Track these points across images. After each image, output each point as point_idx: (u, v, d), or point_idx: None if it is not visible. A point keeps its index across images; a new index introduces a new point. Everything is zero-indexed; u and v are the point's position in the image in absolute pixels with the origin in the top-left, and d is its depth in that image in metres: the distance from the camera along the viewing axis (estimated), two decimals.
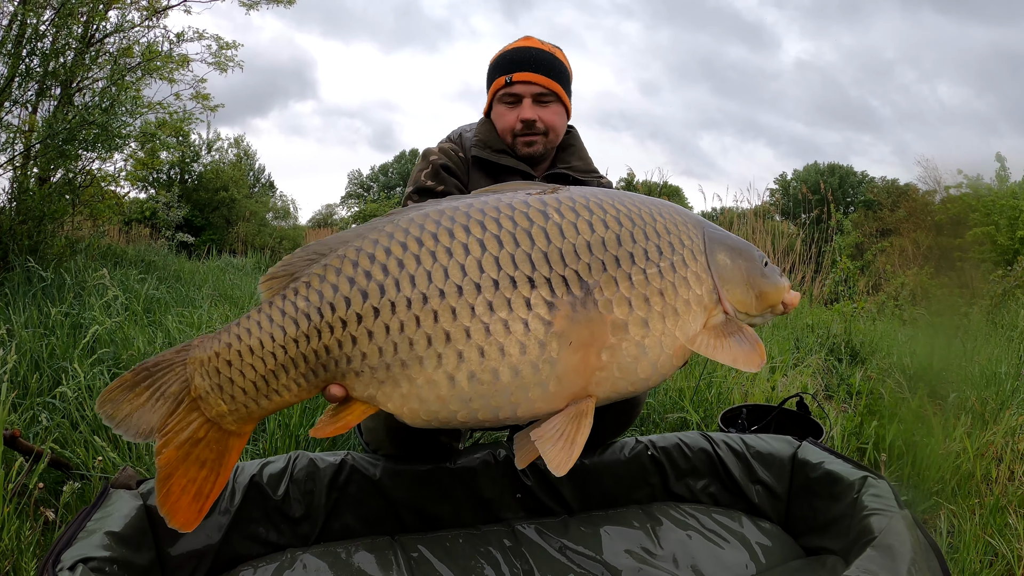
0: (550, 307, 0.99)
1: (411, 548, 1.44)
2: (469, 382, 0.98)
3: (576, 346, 1.00)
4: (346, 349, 1.01)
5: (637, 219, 1.08)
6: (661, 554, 1.47)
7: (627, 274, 1.03)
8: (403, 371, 0.99)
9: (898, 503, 1.31)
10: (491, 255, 0.99)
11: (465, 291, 0.97)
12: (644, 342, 1.03)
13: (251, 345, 1.03)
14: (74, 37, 6.07)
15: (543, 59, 1.70)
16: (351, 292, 1.00)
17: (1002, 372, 2.94)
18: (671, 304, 1.05)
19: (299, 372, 1.03)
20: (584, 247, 1.02)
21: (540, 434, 1.01)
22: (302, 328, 1.01)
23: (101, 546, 1.13)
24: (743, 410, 2.05)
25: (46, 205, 5.79)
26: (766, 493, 1.61)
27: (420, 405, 1.00)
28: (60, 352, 2.83)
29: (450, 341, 0.97)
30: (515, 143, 1.72)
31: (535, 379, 0.99)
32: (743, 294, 1.15)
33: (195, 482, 1.07)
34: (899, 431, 2.10)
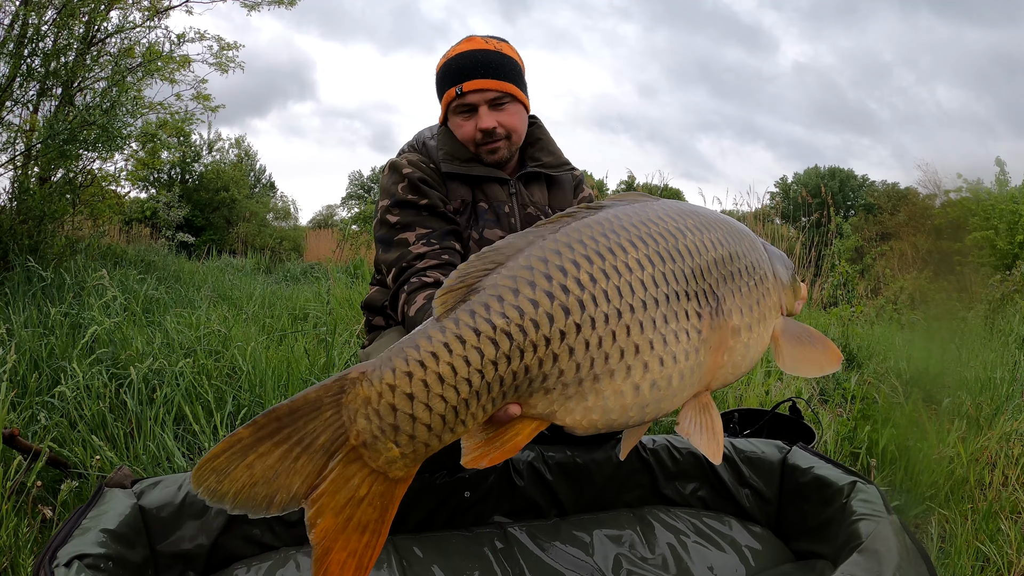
0: (699, 317, 1.08)
1: (405, 548, 1.45)
2: (651, 390, 1.02)
3: (713, 350, 1.10)
4: (546, 368, 0.95)
5: (736, 237, 1.21)
6: (652, 558, 1.48)
7: (739, 287, 1.16)
8: (593, 385, 0.98)
9: (886, 508, 1.32)
10: (659, 270, 1.05)
11: (648, 305, 1.02)
12: (748, 343, 1.16)
13: (440, 372, 0.88)
14: (75, 37, 6.09)
15: (491, 61, 1.65)
16: (553, 308, 0.94)
17: (997, 377, 2.95)
18: (763, 311, 1.19)
19: (491, 397, 0.92)
20: (712, 263, 1.13)
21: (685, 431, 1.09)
22: (503, 348, 0.91)
23: (96, 543, 1.14)
24: (735, 414, 2.06)
25: (46, 205, 5.81)
26: (756, 497, 1.62)
27: (602, 416, 1.01)
28: (59, 352, 2.83)
29: (638, 353, 1.00)
30: (479, 152, 1.69)
31: (691, 381, 1.07)
32: (789, 297, 1.31)
33: (356, 555, 0.85)
34: (892, 436, 2.10)
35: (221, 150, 21.34)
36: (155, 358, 2.77)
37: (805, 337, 1.24)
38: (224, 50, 8.81)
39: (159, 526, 1.33)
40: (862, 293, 7.24)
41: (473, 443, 0.96)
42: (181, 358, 2.92)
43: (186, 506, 1.36)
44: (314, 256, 15.31)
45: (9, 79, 5.64)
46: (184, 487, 1.38)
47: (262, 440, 0.81)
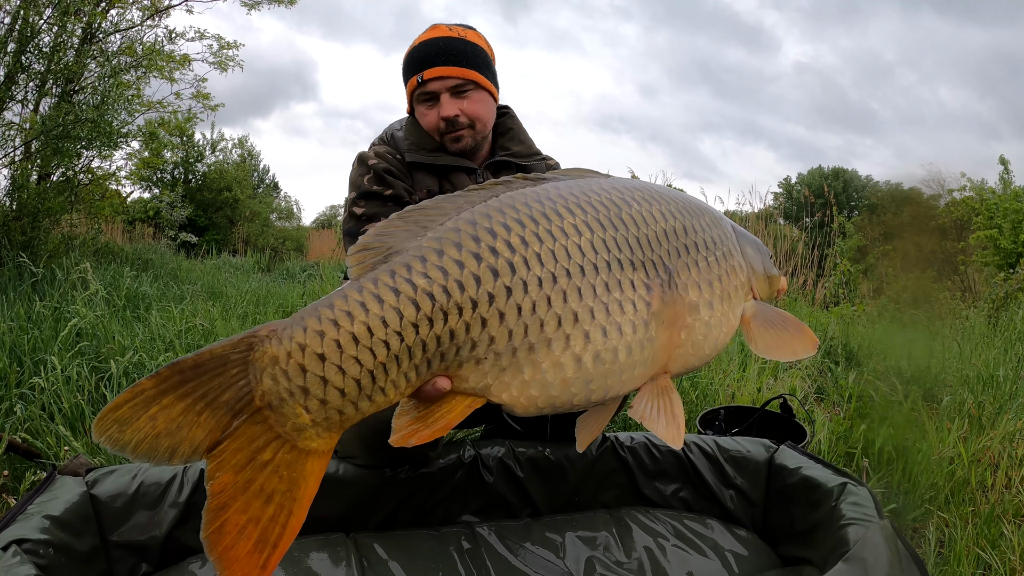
0: (647, 288, 1.02)
1: (366, 547, 1.38)
2: (594, 363, 0.96)
3: (666, 325, 1.04)
4: (473, 333, 0.89)
5: (692, 212, 1.15)
6: (627, 562, 1.40)
7: (695, 260, 1.10)
8: (529, 355, 0.91)
9: (878, 512, 1.24)
10: (599, 236, 0.99)
11: (587, 271, 0.96)
12: (710, 322, 1.10)
13: (355, 332, 0.83)
14: (71, 34, 6.07)
15: (453, 48, 1.61)
16: (480, 269, 0.89)
17: (1000, 375, 2.85)
18: (727, 289, 1.13)
19: (412, 363, 0.86)
20: (662, 234, 1.08)
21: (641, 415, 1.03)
22: (424, 310, 0.86)
23: (39, 529, 1.10)
24: (721, 411, 1.98)
25: (41, 201, 5.79)
26: (741, 499, 1.54)
27: (541, 391, 0.94)
28: (43, 345, 2.80)
29: (578, 322, 0.94)
30: (443, 141, 1.66)
31: (640, 357, 1.01)
32: (762, 282, 1.25)
33: (258, 523, 0.80)
34: (890, 435, 2.02)
35: (224, 150, 21.39)
36: (136, 352, 2.76)
37: (779, 321, 1.18)
38: (224, 49, 8.80)
39: (111, 516, 1.28)
40: (865, 293, 7.14)
41: (403, 421, 0.91)
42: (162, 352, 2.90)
43: (140, 496, 1.32)
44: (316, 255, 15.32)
45: (8, 78, 5.62)
46: (139, 477, 1.33)
47: (166, 392, 0.78)
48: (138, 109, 7.48)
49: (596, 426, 1.09)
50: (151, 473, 1.35)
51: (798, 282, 8.00)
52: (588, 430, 1.09)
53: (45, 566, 1.06)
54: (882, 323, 4.89)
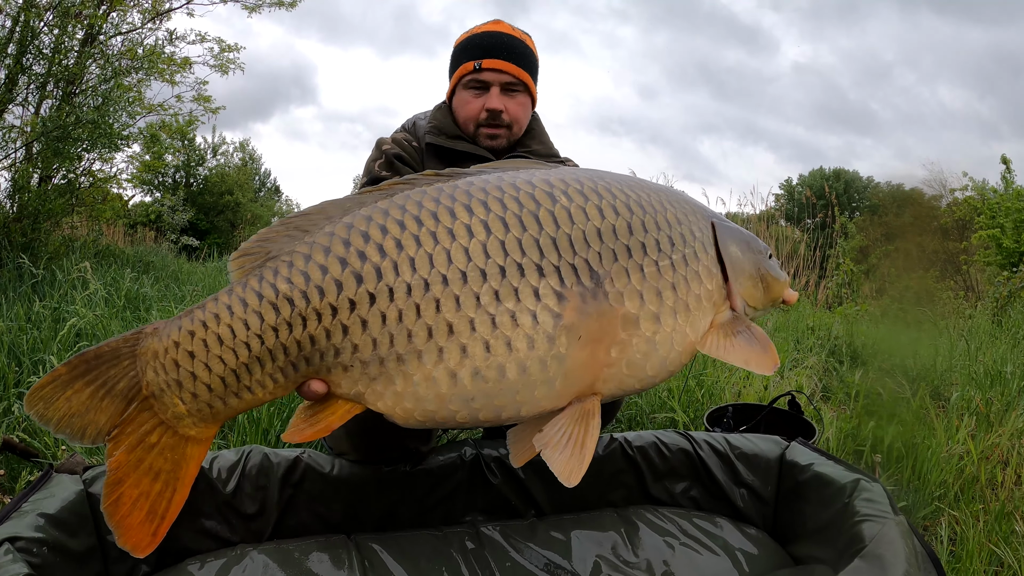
0: (559, 298, 0.90)
1: (367, 548, 1.35)
2: (473, 380, 0.88)
3: (585, 341, 0.91)
4: (335, 340, 0.88)
5: (648, 207, 1.00)
6: (635, 561, 1.37)
7: (639, 265, 0.95)
8: (399, 366, 0.88)
9: (892, 508, 1.21)
10: (497, 239, 0.89)
11: (470, 278, 0.87)
12: (655, 338, 0.95)
13: (220, 334, 0.88)
14: (71, 36, 6.06)
15: (515, 46, 1.61)
16: (343, 275, 0.87)
17: (1007, 372, 2.83)
18: (683, 299, 0.98)
19: (277, 366, 0.89)
20: (594, 234, 0.94)
21: (545, 440, 0.91)
22: (284, 315, 0.87)
23: (33, 527, 1.07)
24: (729, 408, 1.95)
25: (42, 203, 5.78)
26: (752, 497, 1.51)
27: (416, 405, 0.90)
28: (42, 346, 2.78)
29: (453, 334, 0.87)
30: (477, 133, 1.63)
31: (542, 376, 0.90)
32: (753, 287, 1.09)
33: (148, 497, 0.92)
34: (898, 432, 1.99)
35: (225, 154, 21.43)
36: None
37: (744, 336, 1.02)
38: (225, 52, 8.80)
39: None
40: (867, 293, 7.12)
41: (296, 418, 0.96)
42: None
43: None
44: None
45: (9, 80, 5.62)
46: None
47: (76, 379, 0.89)
48: (139, 112, 7.48)
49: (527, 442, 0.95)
50: None
51: (800, 283, 7.98)
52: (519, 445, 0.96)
53: (39, 565, 1.04)
54: (886, 322, 4.87)
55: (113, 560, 1.25)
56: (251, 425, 2.12)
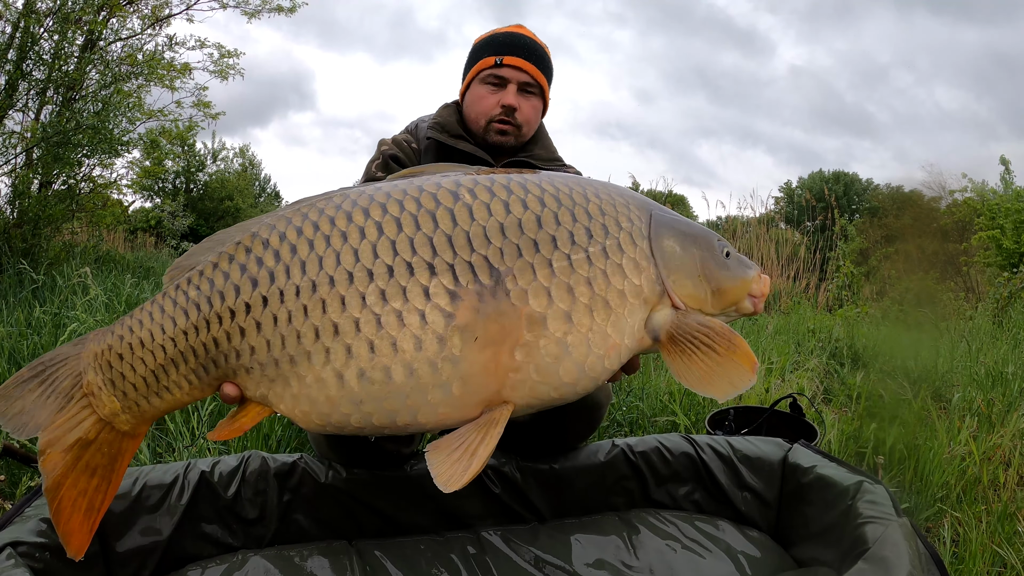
0: (452, 297, 0.86)
1: (368, 554, 1.35)
2: (359, 381, 0.86)
3: (483, 343, 0.86)
4: (235, 342, 0.92)
5: (565, 199, 0.94)
6: (637, 565, 1.37)
7: (547, 260, 0.89)
8: (292, 368, 0.89)
9: (896, 510, 1.21)
10: (388, 239, 0.87)
11: (356, 278, 0.86)
12: (567, 339, 0.88)
13: (142, 338, 0.96)
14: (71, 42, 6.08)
15: (536, 49, 1.64)
16: (241, 280, 0.91)
17: (1009, 373, 2.82)
18: (601, 295, 0.90)
19: (189, 368, 0.95)
20: (496, 230, 0.89)
21: (439, 445, 0.88)
22: (191, 319, 0.93)
23: (36, 532, 1.07)
24: (730, 412, 1.95)
25: (42, 209, 5.79)
26: (754, 500, 1.51)
27: (311, 407, 0.90)
28: (43, 350, 2.79)
29: (338, 334, 0.86)
30: (488, 129, 1.63)
31: (434, 380, 0.86)
32: (695, 287, 0.98)
33: (85, 495, 0.97)
34: (900, 434, 1.99)
35: (225, 159, 21.47)
36: None
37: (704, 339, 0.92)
38: (224, 57, 8.83)
39: (111, 520, 1.26)
40: (868, 295, 7.12)
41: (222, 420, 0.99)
42: None
43: (141, 500, 1.29)
44: None
45: (10, 85, 5.63)
46: (140, 480, 1.31)
47: (32, 379, 0.98)
48: (139, 117, 7.50)
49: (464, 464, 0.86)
50: (153, 476, 1.33)
51: (800, 286, 7.97)
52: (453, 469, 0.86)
53: (42, 570, 1.04)
54: (887, 324, 4.86)
55: (116, 566, 1.25)
56: (252, 431, 2.12)
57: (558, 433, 1.50)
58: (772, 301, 7.38)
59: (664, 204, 9.63)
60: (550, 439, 1.51)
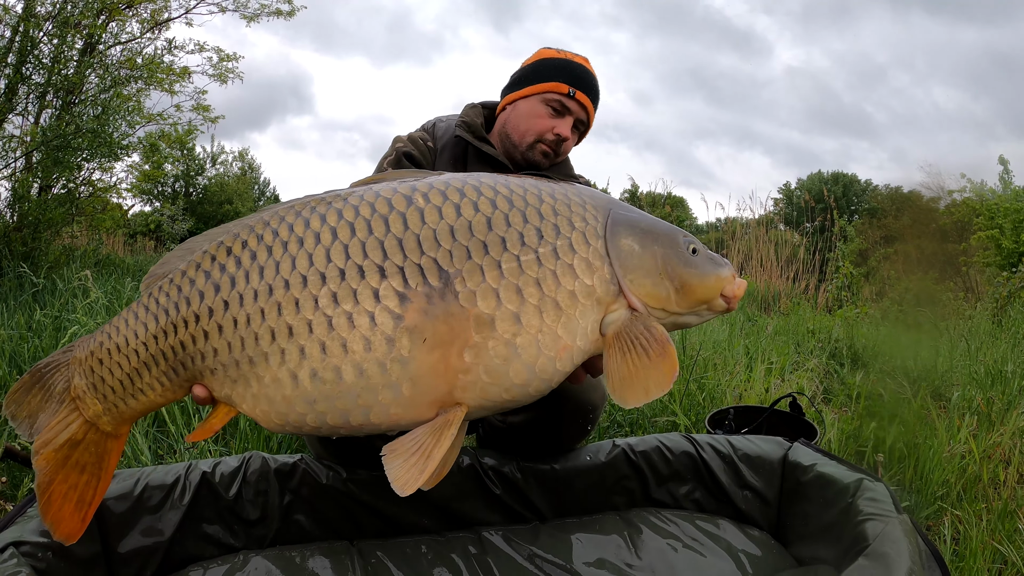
0: (402, 299, 0.88)
1: (369, 554, 1.35)
2: (312, 381, 0.89)
3: (432, 344, 0.88)
4: (199, 345, 0.96)
5: (518, 200, 0.94)
6: (639, 564, 1.37)
7: (496, 262, 0.90)
8: (251, 369, 0.93)
9: (896, 507, 1.21)
10: (341, 243, 0.90)
11: (310, 282, 0.89)
12: (515, 341, 0.89)
13: (118, 343, 1.02)
14: (71, 46, 6.10)
15: (597, 93, 1.71)
16: (205, 285, 0.96)
17: (1008, 371, 2.83)
18: (550, 296, 0.90)
19: (160, 370, 1.00)
20: (446, 233, 0.90)
21: (394, 447, 0.89)
22: (161, 324, 0.99)
23: (38, 532, 1.08)
24: (730, 411, 1.95)
25: (42, 213, 5.79)
26: (755, 499, 1.51)
27: (270, 407, 0.93)
28: (44, 353, 2.79)
29: (292, 336, 0.89)
30: (533, 147, 1.66)
31: (383, 380, 0.88)
32: (655, 286, 0.96)
33: (76, 488, 1.03)
34: (900, 433, 1.99)
35: (224, 163, 21.48)
36: None
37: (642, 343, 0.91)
38: (224, 61, 8.84)
39: (113, 521, 1.26)
40: (867, 296, 7.13)
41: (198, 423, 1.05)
42: None
43: (143, 500, 1.30)
44: None
45: (9, 89, 5.64)
46: (142, 480, 1.32)
47: (34, 385, 1.05)
48: (138, 121, 7.51)
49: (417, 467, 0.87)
50: (154, 476, 1.33)
51: (800, 287, 7.98)
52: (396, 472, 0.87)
53: (44, 570, 1.04)
54: (887, 324, 4.87)
55: (118, 566, 1.25)
56: (252, 432, 2.12)
57: (553, 435, 1.51)
58: (772, 302, 7.39)
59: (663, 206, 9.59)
60: (545, 441, 1.52)
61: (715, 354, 3.16)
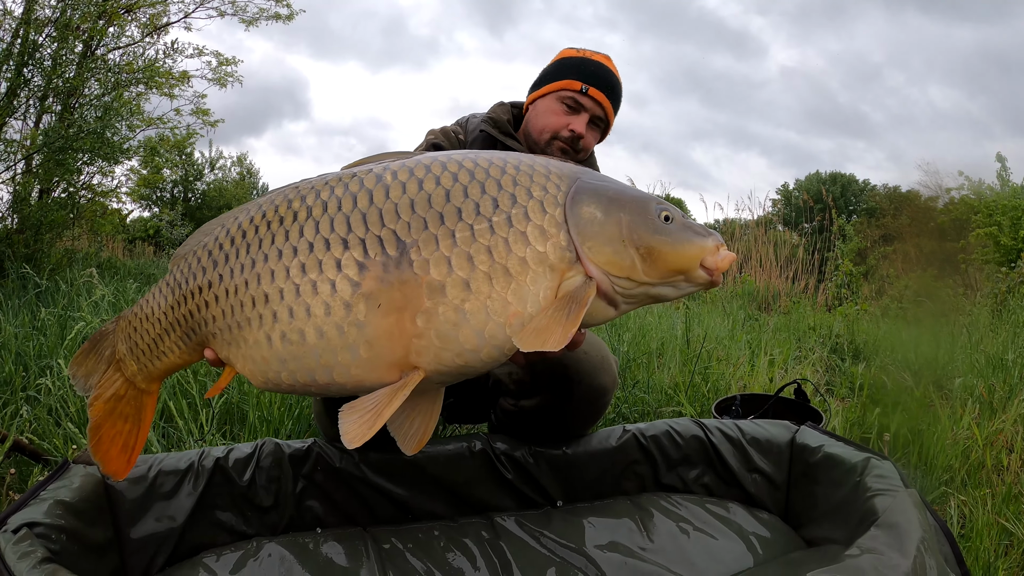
0: (360, 268, 0.96)
1: (383, 540, 1.36)
2: (282, 342, 1.00)
3: (386, 310, 0.94)
4: (203, 313, 1.10)
5: (480, 173, 0.98)
6: (651, 547, 1.38)
7: (451, 231, 0.94)
8: (240, 332, 1.05)
9: (904, 482, 1.23)
10: (313, 220, 1.00)
11: (284, 255, 1.01)
12: (464, 307, 0.92)
13: (147, 312, 1.19)
14: (71, 49, 6.12)
15: (616, 87, 1.71)
16: (207, 261, 1.11)
17: (1009, 359, 2.85)
18: (500, 263, 0.93)
19: (176, 336, 1.16)
20: (406, 205, 0.96)
21: (352, 405, 0.96)
22: (176, 295, 1.14)
23: (51, 514, 1.10)
24: (737, 398, 1.97)
25: (44, 215, 5.80)
26: (764, 482, 1.52)
27: (255, 366, 1.05)
28: (49, 351, 2.80)
29: (268, 302, 1.01)
30: (550, 145, 1.69)
31: (341, 342, 0.96)
32: (615, 253, 0.95)
33: (121, 434, 1.21)
34: (903, 420, 2.01)
35: (223, 168, 21.48)
36: None
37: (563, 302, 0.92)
38: (223, 65, 8.87)
39: (126, 507, 1.28)
40: (867, 294, 7.15)
41: None
42: None
43: (156, 486, 1.31)
44: None
45: (10, 92, 5.66)
46: (155, 467, 1.33)
47: (91, 351, 1.25)
48: (138, 125, 7.53)
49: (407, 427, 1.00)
50: (167, 462, 1.34)
51: (799, 286, 8.01)
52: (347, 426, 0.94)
53: (57, 551, 1.05)
54: (887, 321, 4.89)
55: (131, 552, 1.26)
56: (261, 424, 2.13)
57: (564, 419, 1.52)
58: (771, 302, 7.41)
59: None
60: (557, 425, 1.53)
61: (718, 347, 3.17)
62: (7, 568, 0.93)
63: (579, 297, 0.93)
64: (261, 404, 2.18)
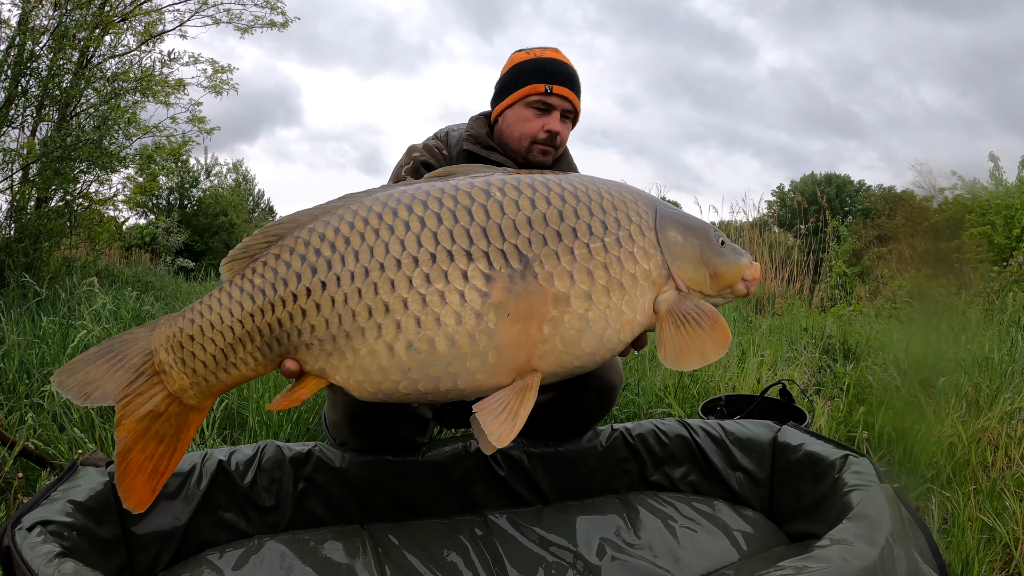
0: (487, 279, 1.01)
1: (380, 537, 1.40)
2: (407, 351, 1.00)
3: (515, 318, 1.01)
4: (296, 322, 1.05)
5: (583, 196, 1.09)
6: (638, 543, 1.43)
7: (569, 248, 1.04)
8: (348, 342, 1.03)
9: (879, 477, 1.28)
10: (430, 231, 1.03)
11: (403, 264, 1.01)
12: (587, 315, 1.03)
13: (211, 320, 1.09)
14: (68, 58, 6.16)
15: (575, 78, 1.76)
16: (302, 268, 1.06)
17: (996, 358, 2.90)
18: (616, 278, 1.06)
19: (255, 346, 1.08)
20: (524, 222, 1.04)
21: (483, 406, 1.02)
22: (257, 303, 1.07)
23: (64, 513, 1.13)
24: (722, 399, 2.01)
25: (42, 223, 5.84)
26: (747, 480, 1.57)
27: (364, 376, 1.03)
28: (51, 359, 2.84)
29: (389, 312, 1.00)
30: (531, 149, 1.73)
31: (472, 349, 1.00)
32: (695, 271, 1.14)
33: (152, 459, 1.10)
34: (888, 418, 2.05)
35: (219, 175, 21.48)
36: None
37: (694, 316, 1.07)
38: (218, 72, 8.92)
39: None
40: (861, 295, 7.20)
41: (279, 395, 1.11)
42: None
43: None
44: None
45: (7, 101, 5.70)
46: None
47: (99, 357, 1.10)
48: (135, 133, 7.57)
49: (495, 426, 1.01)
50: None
51: (794, 288, 8.06)
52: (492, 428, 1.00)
53: (69, 548, 1.09)
54: (880, 321, 4.94)
55: (137, 549, 1.30)
56: (261, 428, 2.17)
57: (574, 415, 1.58)
58: (767, 303, 7.47)
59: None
60: (566, 421, 1.59)
61: None
62: (24, 563, 0.96)
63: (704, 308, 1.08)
64: (261, 409, 2.22)
